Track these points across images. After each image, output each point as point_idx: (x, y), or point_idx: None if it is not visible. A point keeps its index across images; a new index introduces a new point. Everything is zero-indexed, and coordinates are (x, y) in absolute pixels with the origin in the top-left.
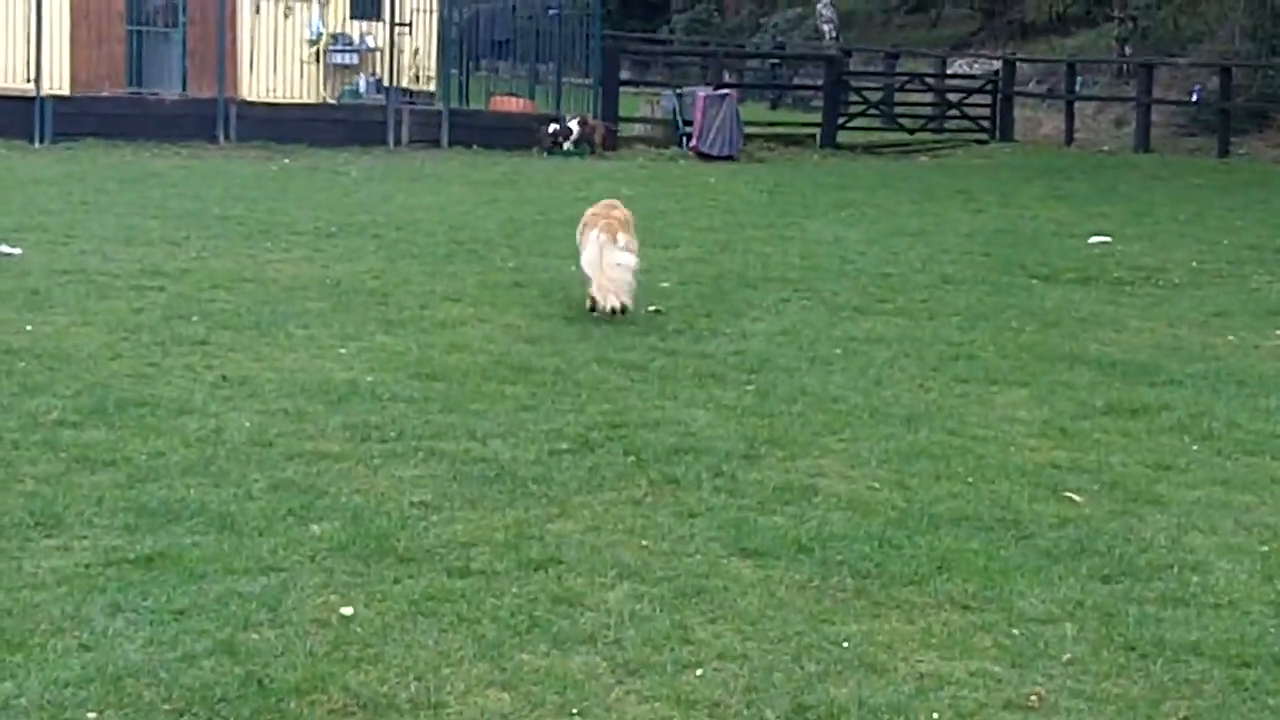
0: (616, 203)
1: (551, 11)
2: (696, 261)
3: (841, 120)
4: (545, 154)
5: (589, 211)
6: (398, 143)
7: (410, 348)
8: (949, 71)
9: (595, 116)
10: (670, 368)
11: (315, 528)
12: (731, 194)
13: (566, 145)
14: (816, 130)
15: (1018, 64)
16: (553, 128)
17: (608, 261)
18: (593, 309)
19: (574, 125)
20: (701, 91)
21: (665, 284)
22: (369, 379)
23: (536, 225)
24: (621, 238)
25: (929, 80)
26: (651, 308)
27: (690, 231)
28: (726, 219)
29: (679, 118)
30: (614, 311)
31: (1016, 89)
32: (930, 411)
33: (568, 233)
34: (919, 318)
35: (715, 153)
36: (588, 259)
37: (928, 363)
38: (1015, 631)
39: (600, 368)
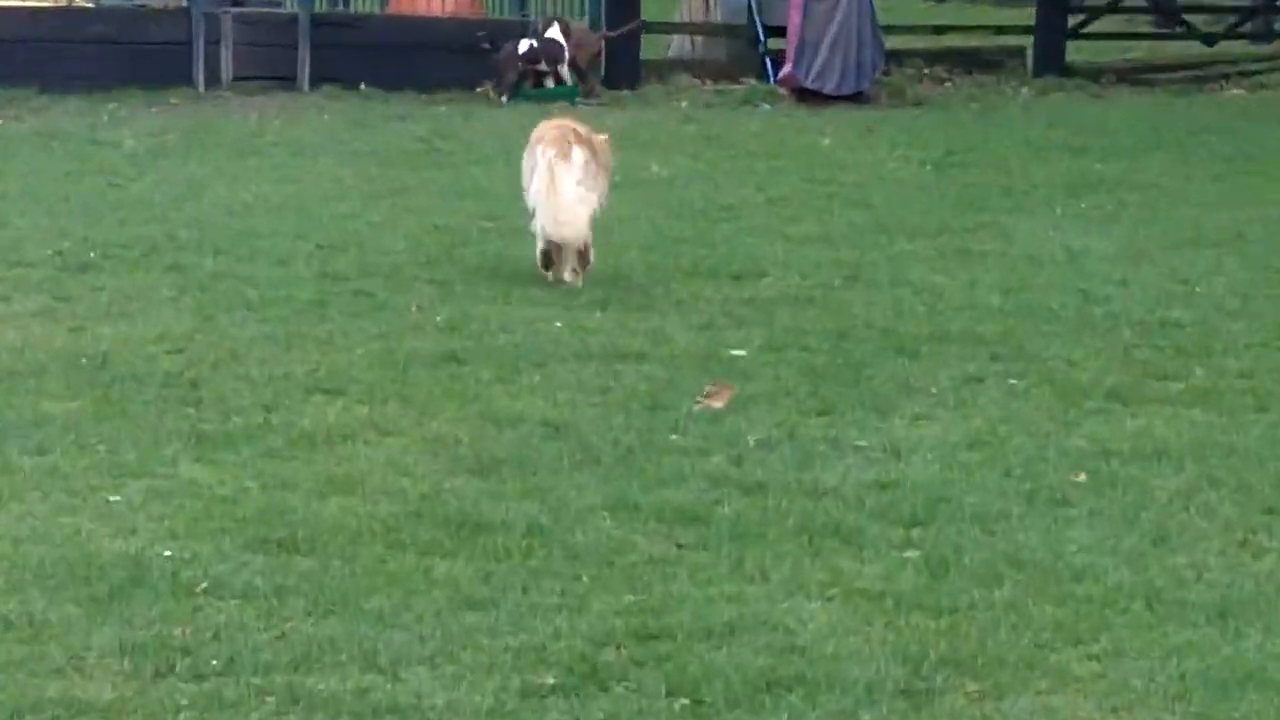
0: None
1: None
2: (799, 303)
3: (1074, 23)
4: (504, 98)
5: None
6: (213, 81)
7: (246, 489)
8: None
9: (598, 27)
10: (751, 517)
11: None
12: (863, 168)
13: (547, 82)
14: (1025, 42)
15: None
16: (523, 46)
17: (563, 194)
18: (546, 266)
19: (559, 40)
20: None
21: (739, 351)
22: (167, 553)
23: (484, 239)
24: (578, 155)
25: None
26: (708, 399)
27: (784, 246)
28: (855, 219)
29: (756, 20)
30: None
31: None
32: (1262, 597)
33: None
34: (1237, 408)
35: (829, 89)
36: (536, 190)
37: (1257, 499)
38: None
39: (616, 520)
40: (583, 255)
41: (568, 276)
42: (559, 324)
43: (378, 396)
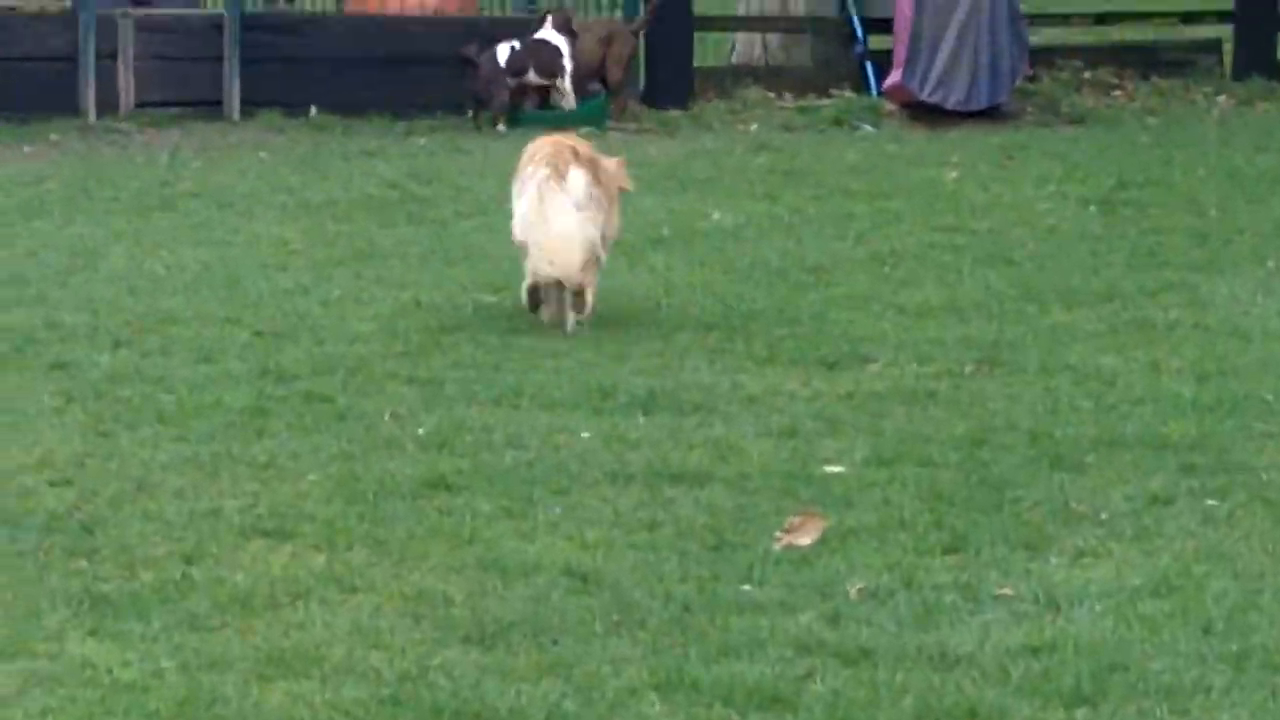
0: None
1: None
2: (917, 400)
3: None
4: (500, 126)
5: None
6: (108, 109)
7: (160, 672)
8: None
9: (634, 14)
10: (855, 698)
11: None
12: (1003, 211)
13: (562, 101)
14: (1223, 34)
15: None
16: (503, 53)
17: (554, 223)
18: (534, 307)
19: (553, 42)
20: None
21: (835, 467)
22: None
23: (482, 319)
24: (577, 178)
25: None
26: (792, 533)
27: (896, 320)
28: (992, 282)
29: (851, 11)
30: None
31: None
32: None
33: (578, 337)
34: None
35: (954, 102)
36: (521, 215)
37: None
38: None
39: (668, 704)
40: (580, 297)
41: (569, 327)
42: (586, 434)
43: (339, 540)
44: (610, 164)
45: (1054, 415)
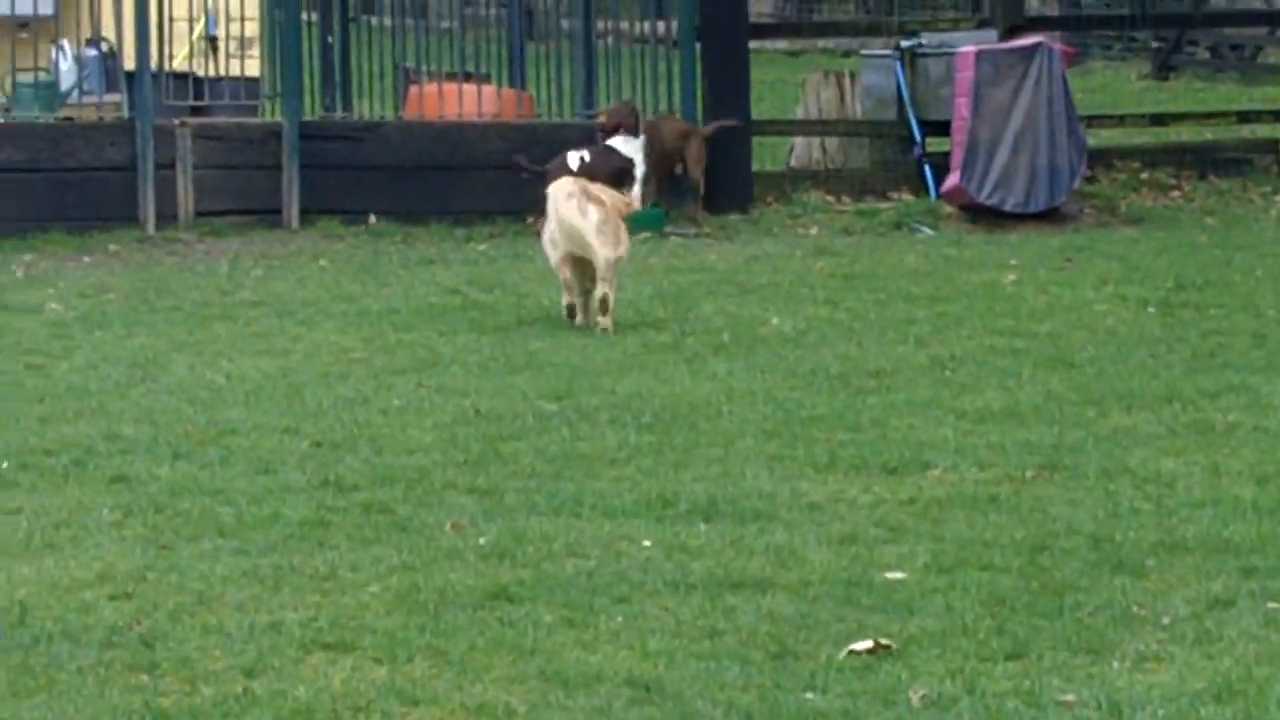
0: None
1: None
2: (978, 505)
3: None
4: None
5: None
6: (167, 219)
7: None
8: None
9: (701, 122)
10: None
11: None
12: (1062, 314)
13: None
14: (1277, 136)
15: None
16: (573, 161)
17: (576, 214)
18: (570, 315)
19: (630, 151)
20: (968, 44)
21: (897, 574)
22: None
23: (544, 427)
24: (594, 213)
25: None
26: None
27: (957, 425)
28: (1053, 386)
29: (910, 114)
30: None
31: None
32: None
33: (639, 444)
34: None
35: (1013, 205)
36: (551, 229)
37: None
38: None
39: None
40: (604, 301)
41: (604, 322)
42: (648, 542)
43: (400, 652)
44: (617, 199)
45: (1114, 519)
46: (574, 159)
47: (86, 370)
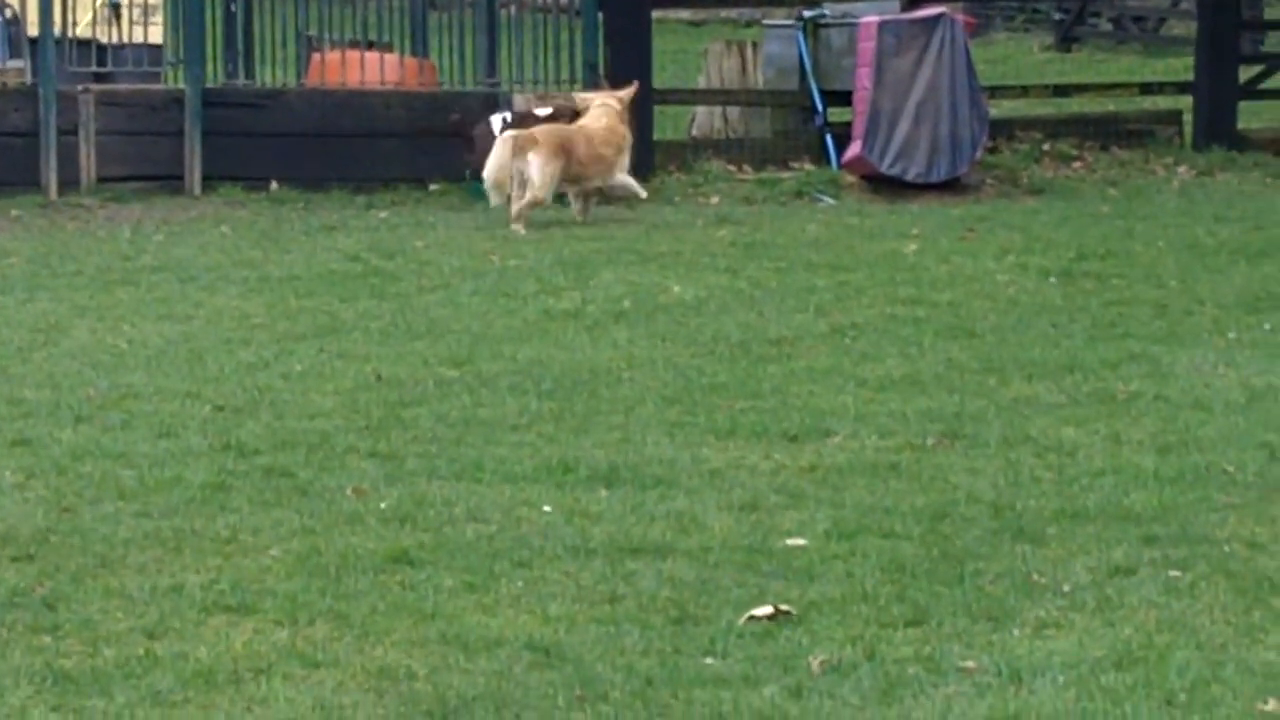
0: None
1: None
2: (879, 473)
3: (1247, 76)
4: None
5: None
6: (69, 184)
7: None
8: None
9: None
10: None
11: None
12: (963, 284)
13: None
14: (1183, 104)
15: None
16: (496, 123)
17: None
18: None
19: (542, 115)
20: (871, 14)
21: (798, 540)
22: None
23: (445, 393)
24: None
25: None
26: (764, 611)
27: (857, 393)
28: (953, 354)
29: (811, 83)
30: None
31: None
32: None
33: (540, 411)
34: None
35: (914, 174)
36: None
37: None
38: None
39: None
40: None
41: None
42: (548, 508)
43: (301, 615)
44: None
45: (1015, 487)
46: (498, 121)
47: (80, 332)
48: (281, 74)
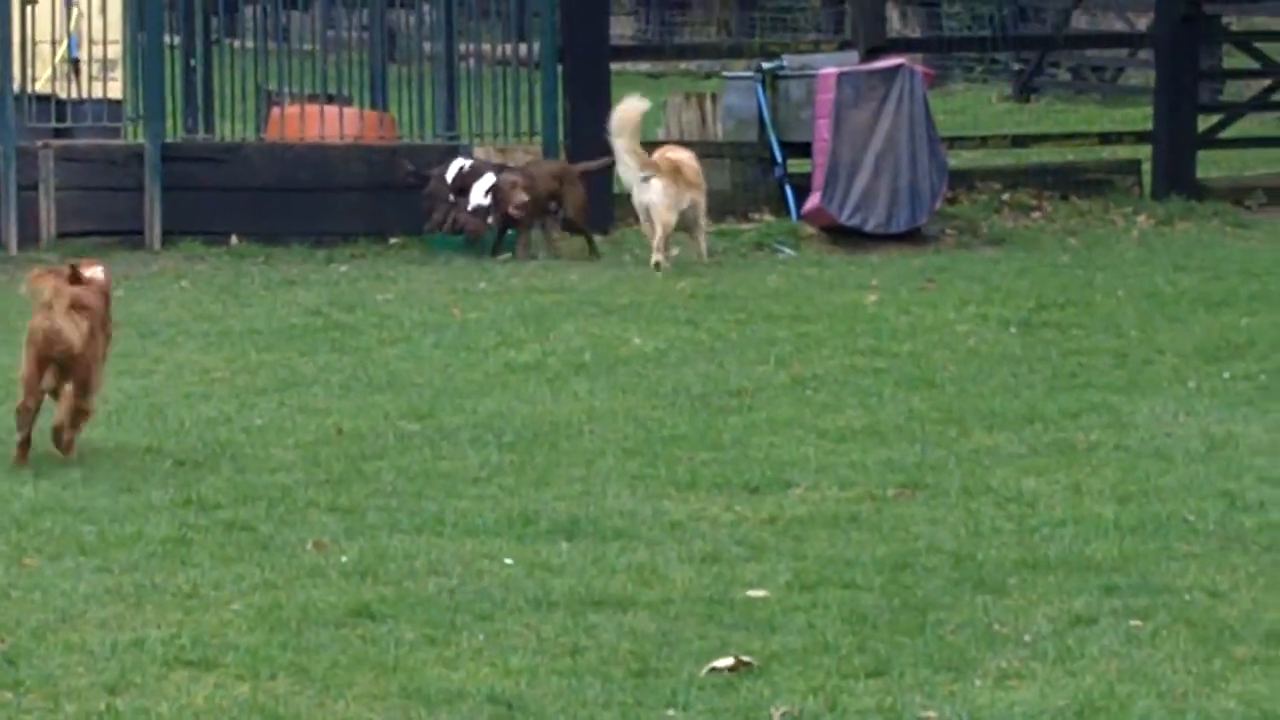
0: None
1: None
2: (839, 524)
3: (1206, 125)
4: (435, 236)
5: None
6: (28, 239)
7: None
8: None
9: (553, 153)
10: None
11: None
12: (923, 334)
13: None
14: (1142, 154)
15: None
16: (452, 171)
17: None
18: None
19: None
20: (829, 66)
21: (758, 591)
22: None
23: (405, 447)
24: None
25: None
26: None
27: (818, 445)
28: (914, 405)
29: (770, 135)
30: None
31: None
32: None
33: (501, 463)
34: None
35: (873, 225)
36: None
37: None
38: None
39: None
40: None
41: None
42: (509, 561)
43: (263, 669)
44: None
45: (976, 538)
46: (454, 167)
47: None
48: (241, 128)
